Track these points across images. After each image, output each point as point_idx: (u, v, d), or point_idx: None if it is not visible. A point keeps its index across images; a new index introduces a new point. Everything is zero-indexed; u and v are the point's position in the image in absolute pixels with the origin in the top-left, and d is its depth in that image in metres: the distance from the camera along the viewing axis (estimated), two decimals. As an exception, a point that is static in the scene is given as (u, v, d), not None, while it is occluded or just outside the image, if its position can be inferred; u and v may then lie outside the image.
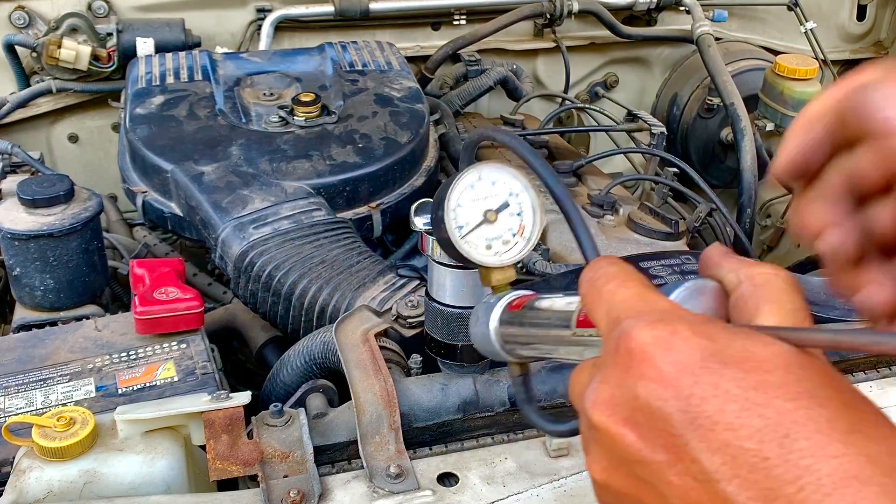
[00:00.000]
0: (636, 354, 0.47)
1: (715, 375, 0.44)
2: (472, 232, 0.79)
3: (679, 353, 0.45)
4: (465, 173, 0.79)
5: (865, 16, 2.79)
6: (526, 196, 0.80)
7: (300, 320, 1.31)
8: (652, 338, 0.46)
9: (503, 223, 0.80)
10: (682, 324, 0.47)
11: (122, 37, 2.08)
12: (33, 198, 1.37)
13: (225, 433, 0.96)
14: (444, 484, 0.96)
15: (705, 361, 0.44)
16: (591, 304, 0.54)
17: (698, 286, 0.53)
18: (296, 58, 1.97)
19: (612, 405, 0.48)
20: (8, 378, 1.13)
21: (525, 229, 0.80)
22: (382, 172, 1.61)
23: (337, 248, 1.38)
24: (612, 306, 0.51)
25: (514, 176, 0.80)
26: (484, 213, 0.79)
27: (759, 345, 0.45)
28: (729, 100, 2.16)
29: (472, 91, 2.24)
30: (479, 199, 0.79)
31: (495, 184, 0.80)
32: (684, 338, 0.46)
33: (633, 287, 0.52)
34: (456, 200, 0.79)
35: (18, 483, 0.92)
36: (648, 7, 2.49)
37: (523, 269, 1.54)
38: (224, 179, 1.52)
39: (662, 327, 0.47)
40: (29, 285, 1.39)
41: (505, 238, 0.80)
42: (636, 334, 0.47)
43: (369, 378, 1.04)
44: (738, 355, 0.44)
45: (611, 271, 0.54)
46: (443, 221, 0.78)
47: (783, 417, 0.41)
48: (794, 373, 0.44)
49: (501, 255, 0.79)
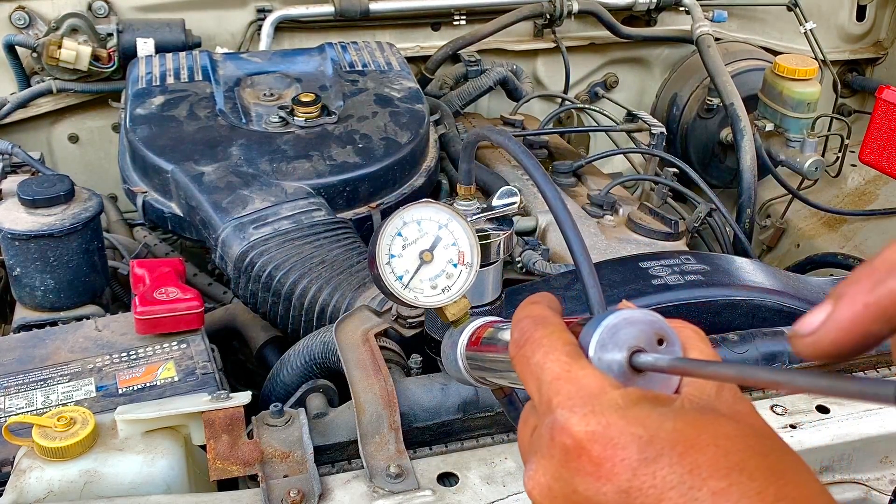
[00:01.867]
0: (572, 450, 0.48)
1: (651, 466, 0.45)
2: (414, 278, 0.78)
3: (614, 447, 0.47)
4: (386, 224, 0.77)
5: (865, 16, 2.79)
6: (455, 224, 0.79)
7: (300, 320, 1.32)
8: (586, 434, 0.48)
9: (441, 258, 0.79)
10: (614, 414, 0.48)
11: (122, 37, 2.08)
12: (34, 198, 1.37)
13: (225, 433, 0.96)
14: (444, 484, 0.96)
15: (641, 452, 0.46)
16: (521, 373, 0.56)
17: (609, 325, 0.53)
18: (296, 58, 1.98)
19: (551, 497, 0.50)
20: (8, 378, 1.13)
21: (465, 256, 0.79)
22: (382, 172, 1.61)
23: (337, 248, 1.38)
24: (541, 383, 0.53)
25: (436, 209, 0.79)
26: (419, 256, 0.78)
27: (688, 424, 0.47)
28: (728, 100, 2.16)
29: (471, 91, 2.24)
30: (409, 243, 0.78)
31: (421, 223, 0.79)
32: (619, 430, 0.47)
33: (558, 360, 0.52)
34: (387, 253, 0.77)
35: (19, 483, 0.92)
36: (648, 7, 2.49)
37: (523, 270, 1.54)
38: (224, 179, 1.52)
39: (596, 421, 0.48)
40: (29, 285, 1.39)
41: (448, 272, 0.79)
42: (570, 428, 0.48)
43: (369, 378, 1.04)
44: (670, 439, 0.46)
45: (535, 337, 0.55)
46: (381, 278, 0.77)
47: (718, 498, 0.43)
48: (723, 447, 0.45)
49: (449, 290, 0.79)
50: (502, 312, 1.21)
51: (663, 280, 1.28)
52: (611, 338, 0.52)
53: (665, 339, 0.53)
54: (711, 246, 2.02)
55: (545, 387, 0.52)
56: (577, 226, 0.67)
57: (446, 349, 0.78)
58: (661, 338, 0.53)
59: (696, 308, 1.25)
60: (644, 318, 0.53)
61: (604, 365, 0.52)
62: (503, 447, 1.02)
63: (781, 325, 1.24)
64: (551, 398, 0.51)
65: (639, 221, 1.68)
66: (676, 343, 0.53)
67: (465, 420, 1.06)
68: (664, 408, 0.49)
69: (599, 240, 1.62)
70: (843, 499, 1.07)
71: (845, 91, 2.83)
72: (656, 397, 0.50)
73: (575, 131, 2.39)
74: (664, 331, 0.53)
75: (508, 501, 0.94)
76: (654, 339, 0.53)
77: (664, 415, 0.48)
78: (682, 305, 1.25)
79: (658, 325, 0.53)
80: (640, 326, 0.53)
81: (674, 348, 0.53)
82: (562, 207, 0.68)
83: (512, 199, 1.09)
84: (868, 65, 2.90)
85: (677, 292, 1.26)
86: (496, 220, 1.10)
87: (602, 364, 0.52)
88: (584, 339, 0.53)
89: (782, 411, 1.11)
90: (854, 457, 1.07)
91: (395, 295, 0.77)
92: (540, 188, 0.70)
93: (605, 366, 0.52)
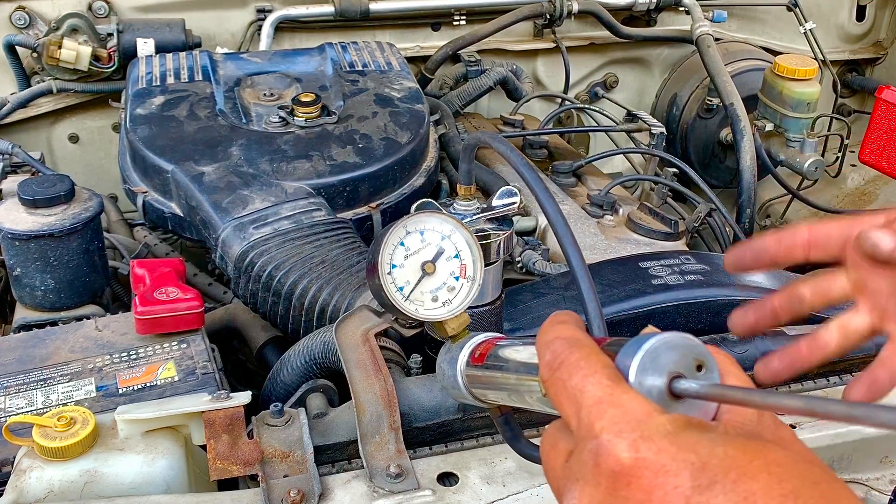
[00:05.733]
0: (621, 477, 0.46)
1: (705, 493, 0.44)
2: (415, 289, 0.75)
3: (666, 474, 0.45)
4: (389, 233, 0.75)
5: (865, 16, 2.79)
6: (459, 235, 0.77)
7: (300, 320, 1.32)
8: (636, 460, 0.46)
9: (443, 270, 0.76)
10: (664, 440, 0.46)
11: (122, 37, 2.08)
12: (34, 198, 1.37)
13: (225, 433, 0.96)
14: (444, 484, 0.96)
15: (695, 480, 0.45)
16: (555, 396, 0.54)
17: (650, 349, 0.51)
18: (296, 58, 1.98)
19: None
20: (8, 378, 1.13)
21: (467, 269, 0.77)
22: (382, 172, 1.61)
23: (337, 248, 1.38)
24: (581, 407, 0.51)
25: (440, 219, 0.77)
26: (421, 267, 0.76)
27: (739, 450, 0.46)
28: (728, 100, 2.16)
29: (471, 91, 2.24)
30: (412, 253, 0.76)
31: (424, 233, 0.76)
32: (670, 456, 0.46)
33: (600, 382, 0.51)
34: (388, 262, 0.75)
35: (19, 483, 0.92)
36: (648, 7, 2.49)
37: (523, 269, 1.54)
38: (224, 179, 1.52)
39: (646, 447, 0.46)
40: (29, 285, 1.39)
41: (450, 284, 0.76)
42: (619, 454, 0.47)
43: (369, 378, 1.04)
44: (723, 466, 0.45)
45: (572, 360, 0.53)
46: (382, 289, 0.74)
47: None
48: (775, 474, 0.44)
49: (450, 303, 0.76)
50: (502, 312, 1.21)
51: (663, 280, 1.28)
52: (651, 362, 0.51)
53: (704, 364, 0.52)
54: (711, 246, 2.02)
55: (585, 411, 0.50)
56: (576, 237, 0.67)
57: (443, 365, 0.76)
58: (701, 363, 0.52)
59: (696, 308, 1.25)
60: (684, 343, 0.52)
61: (644, 390, 0.50)
62: (503, 447, 1.02)
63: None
64: (593, 422, 0.49)
65: (639, 221, 1.68)
66: (715, 369, 0.52)
67: (465, 420, 1.06)
68: (712, 433, 0.47)
69: (599, 240, 1.62)
70: (843, 499, 1.07)
71: (845, 91, 2.83)
72: (702, 424, 0.49)
73: (575, 131, 2.39)
74: (704, 356, 0.52)
75: (508, 501, 0.94)
76: (694, 365, 0.52)
77: (714, 441, 0.46)
78: (681, 305, 1.25)
79: (698, 350, 0.52)
80: (680, 351, 0.51)
81: (713, 374, 0.52)
82: (562, 223, 0.67)
83: (512, 199, 1.09)
84: (868, 65, 2.91)
85: (677, 292, 1.26)
86: (496, 220, 1.10)
87: (643, 389, 0.51)
88: (623, 363, 0.52)
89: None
90: (854, 457, 1.07)
91: (396, 306, 0.75)
92: (541, 203, 0.69)
93: (645, 390, 0.50)
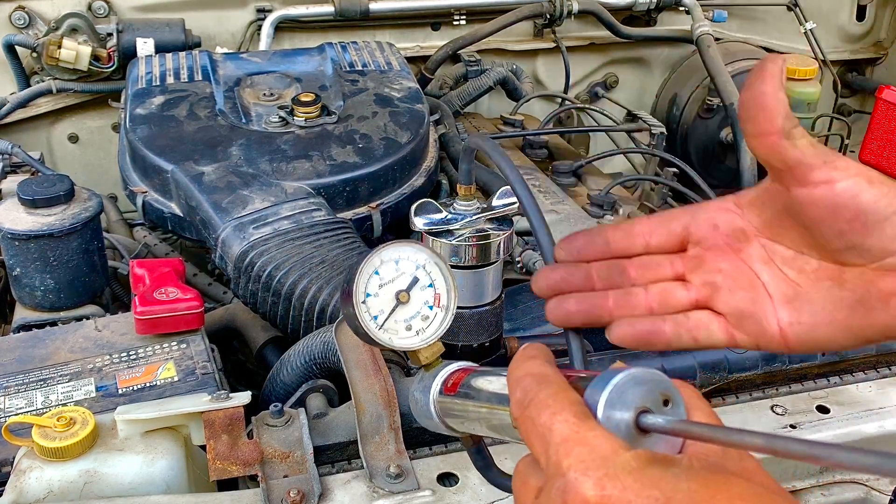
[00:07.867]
0: None
1: None
2: (389, 318, 0.76)
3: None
4: (364, 262, 0.75)
5: (865, 16, 2.79)
6: (433, 265, 0.77)
7: (300, 320, 1.31)
8: (602, 498, 0.47)
9: (418, 299, 0.77)
10: (629, 477, 0.47)
11: (122, 37, 2.08)
12: (33, 198, 1.37)
13: (225, 433, 0.96)
14: (444, 484, 0.96)
15: None
16: (525, 434, 0.55)
17: (617, 385, 0.52)
18: (296, 58, 1.98)
19: None
20: (8, 378, 1.13)
21: (441, 298, 0.77)
22: (382, 172, 1.61)
23: (337, 248, 1.38)
24: (549, 445, 0.52)
25: (415, 249, 0.77)
26: (395, 296, 0.76)
27: (702, 485, 0.47)
28: (729, 100, 2.16)
29: (471, 91, 2.24)
30: (386, 283, 0.76)
31: (399, 262, 0.76)
32: (635, 493, 0.47)
33: (567, 420, 0.52)
34: (363, 291, 0.75)
35: (18, 483, 0.92)
36: (648, 7, 2.49)
37: (523, 269, 1.54)
38: (224, 179, 1.52)
39: (612, 485, 0.47)
40: (29, 285, 1.39)
41: (423, 314, 0.77)
42: (585, 492, 0.48)
43: (369, 378, 1.04)
44: (686, 501, 0.46)
45: (540, 398, 0.54)
46: (356, 317, 0.75)
47: None
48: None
49: (424, 332, 0.77)
50: (502, 312, 1.21)
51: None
52: (619, 397, 0.52)
53: (670, 400, 0.53)
54: (711, 246, 2.02)
55: (553, 448, 0.51)
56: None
57: (416, 394, 0.77)
58: (667, 398, 0.53)
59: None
60: (651, 378, 0.53)
61: (612, 425, 0.51)
62: (503, 447, 1.02)
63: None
64: (561, 460, 0.50)
65: (639, 221, 1.68)
66: (681, 404, 0.53)
67: (465, 420, 1.06)
68: (676, 468, 0.48)
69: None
70: (844, 499, 1.07)
71: (845, 91, 2.83)
72: (665, 458, 0.50)
73: (575, 131, 2.39)
74: (670, 391, 0.53)
75: (508, 501, 0.94)
76: (661, 400, 0.53)
77: (678, 476, 0.47)
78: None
79: (664, 385, 0.53)
80: (647, 386, 0.52)
81: (679, 409, 0.53)
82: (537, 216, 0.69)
83: (512, 199, 1.09)
84: (868, 65, 2.91)
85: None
86: (496, 220, 1.10)
87: (610, 424, 0.51)
88: (591, 398, 0.53)
89: (782, 411, 1.11)
90: (854, 457, 1.07)
91: (370, 335, 0.75)
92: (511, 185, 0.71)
93: (613, 426, 0.51)
